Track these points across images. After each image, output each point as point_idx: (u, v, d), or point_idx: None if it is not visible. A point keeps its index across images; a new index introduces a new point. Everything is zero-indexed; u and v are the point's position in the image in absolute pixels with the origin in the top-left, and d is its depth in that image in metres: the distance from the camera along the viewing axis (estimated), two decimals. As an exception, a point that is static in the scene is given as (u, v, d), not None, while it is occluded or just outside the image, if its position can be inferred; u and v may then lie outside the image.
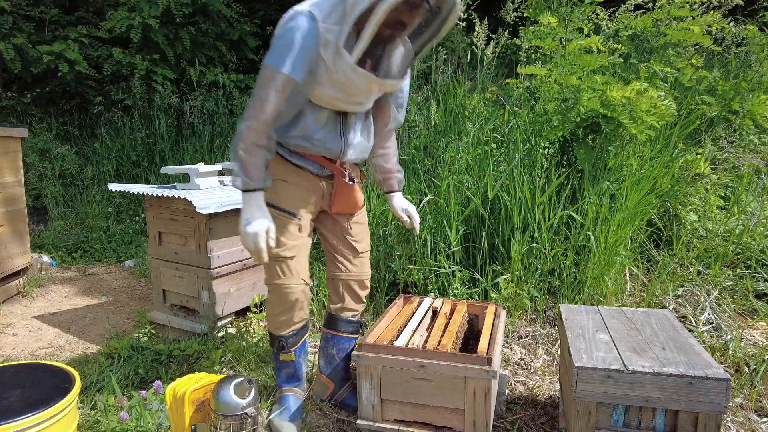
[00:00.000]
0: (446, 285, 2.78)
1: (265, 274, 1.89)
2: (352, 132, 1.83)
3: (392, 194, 2.12)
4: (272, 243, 1.68)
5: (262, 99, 1.64)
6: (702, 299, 2.65)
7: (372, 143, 1.96)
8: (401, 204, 2.11)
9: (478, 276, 2.77)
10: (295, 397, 1.96)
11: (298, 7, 1.63)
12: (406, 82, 1.94)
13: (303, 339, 1.98)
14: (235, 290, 2.75)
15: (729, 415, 1.95)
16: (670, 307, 2.64)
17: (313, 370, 2.23)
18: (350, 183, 1.90)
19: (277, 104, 1.65)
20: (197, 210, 2.39)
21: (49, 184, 5.21)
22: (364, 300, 2.09)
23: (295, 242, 1.84)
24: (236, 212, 2.08)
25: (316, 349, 2.17)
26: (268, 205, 1.80)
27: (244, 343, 2.50)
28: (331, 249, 2.01)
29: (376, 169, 2.11)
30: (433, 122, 3.80)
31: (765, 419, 1.93)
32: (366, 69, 1.62)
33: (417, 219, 2.11)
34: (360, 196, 1.98)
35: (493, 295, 2.67)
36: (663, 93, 2.83)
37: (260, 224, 1.65)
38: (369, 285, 2.09)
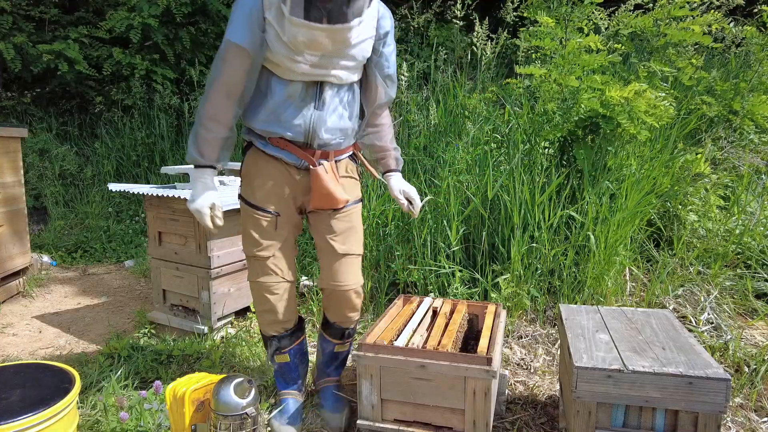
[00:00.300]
0: (446, 285, 2.77)
1: (248, 271, 1.88)
2: (327, 109, 1.70)
3: (390, 174, 1.95)
4: (219, 222, 1.70)
5: (214, 72, 1.64)
6: (702, 299, 2.65)
7: (356, 125, 1.82)
8: (399, 185, 1.93)
9: (478, 276, 2.77)
10: (294, 399, 1.96)
11: None
12: (391, 50, 1.80)
13: (298, 341, 1.97)
14: (235, 290, 2.75)
15: (729, 415, 1.95)
16: (670, 307, 2.64)
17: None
18: (324, 172, 1.76)
19: (229, 74, 1.62)
20: (197, 210, 2.39)
21: (49, 184, 5.21)
22: (350, 315, 1.92)
23: (272, 241, 1.81)
24: (237, 212, 2.06)
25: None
26: (245, 202, 1.81)
27: (244, 342, 2.50)
28: (318, 252, 1.91)
29: (369, 149, 1.95)
30: (433, 122, 3.80)
31: (765, 419, 1.93)
32: (323, 23, 1.53)
33: (418, 203, 1.94)
34: (340, 192, 1.80)
35: (493, 295, 2.67)
36: (662, 93, 2.82)
37: (203, 201, 1.67)
38: (355, 300, 1.89)
